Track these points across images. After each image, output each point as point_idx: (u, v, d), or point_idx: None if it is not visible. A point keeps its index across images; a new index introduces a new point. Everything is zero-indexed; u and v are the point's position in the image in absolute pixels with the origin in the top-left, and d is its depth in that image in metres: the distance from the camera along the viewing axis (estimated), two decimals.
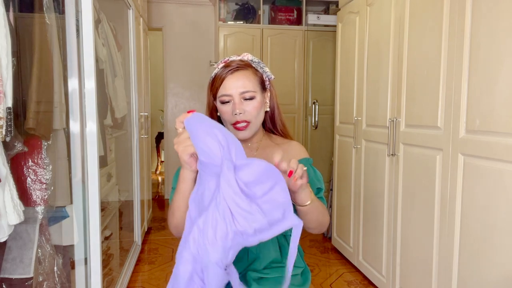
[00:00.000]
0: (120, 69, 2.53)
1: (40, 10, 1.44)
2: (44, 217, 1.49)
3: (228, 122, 1.07)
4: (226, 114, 1.06)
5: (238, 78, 1.05)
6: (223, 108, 1.07)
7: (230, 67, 1.06)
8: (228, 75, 1.06)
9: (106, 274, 2.07)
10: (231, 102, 1.05)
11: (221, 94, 1.06)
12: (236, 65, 1.06)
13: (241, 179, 0.78)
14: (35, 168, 1.44)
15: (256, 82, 1.08)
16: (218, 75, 1.08)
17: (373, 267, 2.31)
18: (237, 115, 1.04)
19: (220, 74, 1.07)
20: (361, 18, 2.45)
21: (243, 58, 1.10)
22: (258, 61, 1.11)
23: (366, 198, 2.41)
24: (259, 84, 1.09)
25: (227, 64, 1.08)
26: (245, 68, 1.07)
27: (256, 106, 1.07)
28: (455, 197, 1.56)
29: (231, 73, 1.06)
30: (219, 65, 1.09)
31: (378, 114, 2.23)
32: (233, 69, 1.06)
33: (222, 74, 1.06)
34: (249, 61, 1.10)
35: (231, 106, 1.05)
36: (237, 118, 1.05)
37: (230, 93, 1.05)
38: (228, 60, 1.08)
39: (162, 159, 5.92)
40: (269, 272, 1.08)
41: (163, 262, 2.78)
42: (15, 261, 1.41)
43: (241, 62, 1.08)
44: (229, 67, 1.06)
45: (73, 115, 1.61)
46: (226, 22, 3.97)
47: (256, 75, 1.09)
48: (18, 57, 1.37)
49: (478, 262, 1.45)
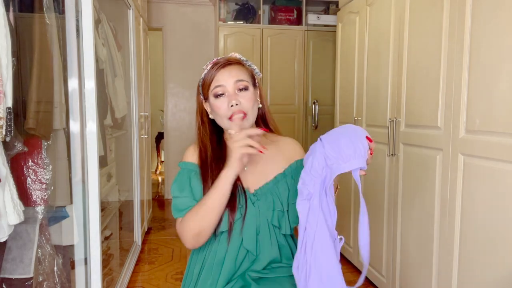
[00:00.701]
0: (120, 69, 2.53)
1: (40, 10, 1.44)
2: (44, 217, 1.49)
3: (224, 116, 1.04)
4: (221, 109, 1.04)
5: (230, 70, 1.05)
6: (217, 103, 1.04)
7: (219, 63, 1.05)
8: (219, 69, 1.05)
9: (106, 274, 2.07)
10: (225, 95, 1.04)
11: (214, 86, 1.04)
12: (225, 61, 1.06)
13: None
14: (35, 168, 1.44)
15: (248, 75, 1.08)
16: (208, 73, 1.06)
17: (373, 267, 2.31)
18: (233, 106, 1.02)
19: (210, 72, 1.06)
20: (361, 18, 2.45)
21: (232, 56, 1.10)
22: (246, 59, 1.11)
23: (366, 198, 2.41)
24: (250, 78, 1.09)
25: (216, 62, 1.07)
26: (235, 63, 1.07)
27: (251, 97, 1.05)
28: (455, 197, 1.56)
29: (222, 67, 1.05)
30: (208, 66, 1.08)
31: (378, 114, 2.23)
32: (224, 64, 1.05)
33: (212, 72, 1.05)
34: (238, 58, 1.10)
35: (226, 99, 1.04)
36: (233, 110, 1.02)
37: (223, 83, 1.03)
38: (216, 60, 1.08)
39: (162, 159, 5.92)
40: (268, 272, 1.08)
41: (163, 262, 2.78)
42: (15, 261, 1.41)
43: (230, 59, 1.07)
44: (218, 63, 1.06)
45: (73, 115, 1.61)
46: (226, 22, 3.97)
47: (247, 70, 1.09)
48: (18, 57, 1.37)
49: (478, 262, 1.45)
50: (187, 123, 4.57)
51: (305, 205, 0.91)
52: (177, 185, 1.08)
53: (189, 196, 1.06)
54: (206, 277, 1.09)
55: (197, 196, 1.06)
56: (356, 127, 0.94)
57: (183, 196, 1.06)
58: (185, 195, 1.06)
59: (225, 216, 1.03)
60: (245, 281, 1.07)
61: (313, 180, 0.90)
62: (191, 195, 1.06)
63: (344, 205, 2.74)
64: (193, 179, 1.08)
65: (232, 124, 1.03)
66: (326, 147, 0.89)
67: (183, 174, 1.10)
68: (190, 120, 4.56)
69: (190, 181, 1.07)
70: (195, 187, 1.07)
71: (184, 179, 1.08)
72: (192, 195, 1.06)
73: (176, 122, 4.56)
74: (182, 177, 1.09)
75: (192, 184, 1.07)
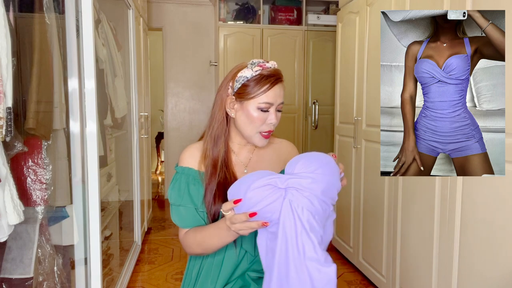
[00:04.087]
0: (120, 69, 2.53)
1: (40, 10, 1.44)
2: (44, 217, 1.49)
3: (257, 129, 1.06)
4: (259, 121, 1.05)
5: (280, 90, 1.06)
6: (259, 115, 1.05)
7: (275, 76, 1.05)
8: (276, 83, 1.05)
9: (106, 274, 2.07)
10: (269, 112, 1.05)
11: (264, 101, 1.04)
12: (277, 76, 1.06)
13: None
14: (35, 168, 1.44)
15: None
16: (257, 81, 1.04)
17: (373, 267, 2.31)
18: (271, 124, 1.06)
19: (261, 82, 1.04)
20: (361, 18, 2.45)
21: (276, 69, 1.09)
22: None
23: (366, 198, 2.41)
24: None
25: (272, 72, 1.05)
26: (282, 81, 1.08)
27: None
28: (455, 197, 1.56)
29: (277, 83, 1.05)
30: (254, 68, 1.05)
31: (378, 114, 2.23)
32: (276, 80, 1.05)
33: (265, 84, 1.04)
34: (281, 74, 1.09)
35: (268, 115, 1.05)
36: (270, 128, 1.07)
37: (273, 102, 1.05)
38: (266, 66, 1.06)
39: (162, 159, 5.92)
40: None
41: (163, 262, 2.78)
42: (15, 261, 1.41)
43: (280, 75, 1.08)
44: (274, 76, 1.05)
45: (73, 115, 1.61)
46: (226, 22, 3.97)
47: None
48: (18, 57, 1.37)
49: (478, 262, 1.45)
50: (187, 123, 4.57)
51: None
52: (175, 191, 1.08)
53: (189, 204, 1.06)
54: (205, 277, 1.09)
55: (196, 202, 1.06)
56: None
57: (183, 205, 1.06)
58: (184, 203, 1.06)
59: None
60: (244, 281, 1.07)
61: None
62: (191, 203, 1.06)
63: (344, 205, 2.75)
64: (191, 184, 1.07)
65: (259, 138, 1.08)
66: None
67: (180, 180, 1.09)
68: (190, 120, 4.56)
69: (189, 187, 1.07)
70: (194, 193, 1.07)
71: (182, 185, 1.08)
72: (192, 203, 1.06)
73: (176, 122, 4.56)
74: (180, 183, 1.08)
75: (190, 190, 1.07)
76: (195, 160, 1.10)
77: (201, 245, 1.03)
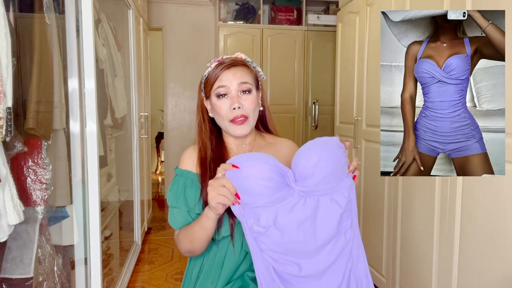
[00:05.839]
0: (120, 69, 2.53)
1: (40, 10, 1.44)
2: (44, 217, 1.49)
3: (226, 118, 1.04)
4: (222, 109, 1.04)
5: (235, 72, 1.04)
6: (219, 103, 1.04)
7: (224, 63, 1.04)
8: (224, 70, 1.04)
9: (106, 274, 2.07)
10: (228, 96, 1.03)
11: (217, 85, 1.03)
12: (230, 61, 1.05)
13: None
14: (35, 168, 1.44)
15: (252, 77, 1.07)
16: (212, 72, 1.05)
17: (373, 267, 2.31)
18: (236, 109, 1.02)
19: (214, 71, 1.05)
20: (361, 18, 2.45)
21: (237, 56, 1.09)
22: (251, 61, 1.11)
23: (366, 198, 2.41)
24: (254, 81, 1.08)
25: (221, 61, 1.06)
26: (240, 65, 1.06)
27: (253, 100, 1.05)
28: (455, 197, 1.56)
29: (227, 68, 1.04)
30: (212, 64, 1.07)
31: (378, 114, 2.23)
32: (229, 64, 1.04)
33: (217, 71, 1.04)
34: (243, 59, 1.09)
35: (228, 100, 1.03)
36: (235, 113, 1.02)
37: (227, 84, 1.03)
38: (222, 59, 1.06)
39: (162, 159, 5.92)
40: None
41: (163, 262, 2.78)
42: (15, 261, 1.41)
43: (236, 60, 1.06)
44: (223, 64, 1.04)
45: (73, 115, 1.61)
46: (226, 22, 3.97)
47: (251, 72, 1.08)
48: (18, 57, 1.37)
49: (478, 262, 1.45)
50: (187, 123, 4.57)
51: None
52: (172, 193, 1.08)
53: (183, 206, 1.06)
54: (205, 277, 1.09)
55: (191, 205, 1.06)
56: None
57: (178, 207, 1.07)
58: (179, 206, 1.06)
59: (225, 221, 1.03)
60: (244, 281, 1.07)
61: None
62: (185, 206, 1.06)
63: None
64: (188, 187, 1.07)
65: (233, 126, 1.04)
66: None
67: (178, 182, 1.09)
68: (190, 120, 4.56)
69: (185, 190, 1.07)
70: (190, 196, 1.07)
71: (180, 187, 1.08)
72: (186, 205, 1.06)
73: (176, 122, 4.56)
74: (178, 185, 1.09)
75: (186, 193, 1.07)
76: (193, 162, 1.10)
77: (188, 237, 1.03)
